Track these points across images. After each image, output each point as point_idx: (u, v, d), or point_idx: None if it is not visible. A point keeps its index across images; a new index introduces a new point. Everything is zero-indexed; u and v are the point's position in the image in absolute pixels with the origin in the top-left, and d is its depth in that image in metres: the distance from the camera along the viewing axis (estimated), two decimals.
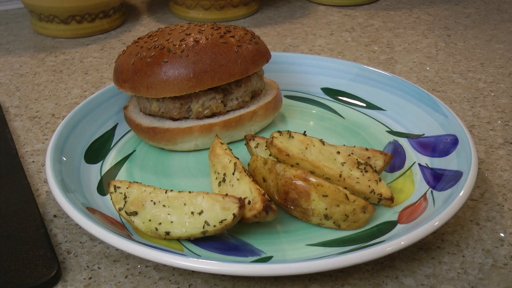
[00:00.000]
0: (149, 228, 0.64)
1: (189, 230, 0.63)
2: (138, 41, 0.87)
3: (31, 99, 1.05)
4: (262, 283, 0.62)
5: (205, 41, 0.82)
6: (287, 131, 0.69)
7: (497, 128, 0.92)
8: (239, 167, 0.68)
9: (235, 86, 0.85)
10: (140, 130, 0.84)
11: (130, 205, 0.66)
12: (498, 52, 1.22)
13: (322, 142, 0.70)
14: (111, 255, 0.67)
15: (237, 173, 0.67)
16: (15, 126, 0.96)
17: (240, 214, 0.61)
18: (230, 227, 0.62)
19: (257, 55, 0.85)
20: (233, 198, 0.62)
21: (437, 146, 0.79)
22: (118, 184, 0.67)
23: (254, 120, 0.86)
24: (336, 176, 0.67)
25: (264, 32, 1.35)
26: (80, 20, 1.31)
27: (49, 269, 0.62)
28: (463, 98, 1.02)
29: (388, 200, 0.69)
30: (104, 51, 1.26)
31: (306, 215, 0.67)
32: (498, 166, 0.82)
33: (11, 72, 1.16)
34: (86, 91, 1.07)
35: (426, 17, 1.45)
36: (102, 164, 0.81)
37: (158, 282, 0.63)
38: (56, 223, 0.72)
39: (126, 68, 0.83)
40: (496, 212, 0.73)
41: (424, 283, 0.62)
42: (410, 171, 0.78)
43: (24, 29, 1.40)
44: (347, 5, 1.53)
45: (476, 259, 0.65)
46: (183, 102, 0.82)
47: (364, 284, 0.62)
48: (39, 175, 0.82)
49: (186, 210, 0.63)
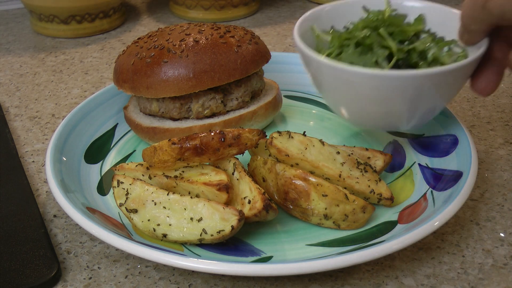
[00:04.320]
0: (147, 227, 0.64)
1: (186, 235, 0.63)
2: (138, 41, 0.87)
3: (31, 99, 1.05)
4: (262, 283, 0.62)
5: (205, 41, 0.82)
6: (287, 132, 0.69)
7: (497, 128, 0.92)
8: (238, 167, 0.68)
9: (235, 86, 0.85)
10: (140, 130, 0.84)
11: (131, 202, 0.66)
12: None
13: (321, 143, 0.70)
14: (111, 255, 0.67)
15: (236, 173, 0.67)
16: (15, 126, 0.96)
17: (238, 227, 0.61)
18: (227, 238, 0.62)
19: (257, 55, 0.85)
20: (233, 209, 0.62)
21: (437, 146, 0.79)
22: (121, 179, 0.68)
23: (254, 120, 0.86)
24: (335, 176, 0.67)
25: (264, 32, 1.35)
26: (80, 20, 1.31)
27: (49, 269, 0.62)
28: (463, 98, 1.02)
29: (388, 200, 0.69)
30: (104, 51, 1.26)
31: (306, 215, 0.67)
32: (498, 166, 0.82)
33: (11, 72, 1.16)
34: (86, 91, 1.07)
35: None
36: (102, 164, 0.81)
37: (158, 282, 0.63)
38: (56, 223, 0.72)
39: (126, 68, 0.83)
40: (496, 212, 0.73)
41: (424, 283, 0.62)
42: (410, 171, 0.78)
43: (24, 29, 1.40)
44: None
45: (476, 259, 0.65)
46: (183, 102, 0.82)
47: (364, 284, 0.62)
48: (39, 175, 0.82)
49: (185, 215, 0.63)
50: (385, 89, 0.67)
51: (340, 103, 0.74)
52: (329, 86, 0.73)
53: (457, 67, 0.65)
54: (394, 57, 0.71)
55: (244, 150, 0.67)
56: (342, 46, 0.74)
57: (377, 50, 0.70)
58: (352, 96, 0.71)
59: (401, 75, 0.65)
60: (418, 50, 0.72)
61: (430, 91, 0.67)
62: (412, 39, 0.75)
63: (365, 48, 0.72)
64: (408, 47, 0.72)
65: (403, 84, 0.66)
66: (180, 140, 0.65)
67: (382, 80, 0.66)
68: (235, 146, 0.66)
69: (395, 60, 0.71)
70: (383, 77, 0.66)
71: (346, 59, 0.71)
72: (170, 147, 0.65)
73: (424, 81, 0.66)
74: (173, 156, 0.65)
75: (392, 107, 0.70)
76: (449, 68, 0.65)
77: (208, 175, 0.66)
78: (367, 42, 0.72)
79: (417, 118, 0.73)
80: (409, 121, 0.73)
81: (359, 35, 0.73)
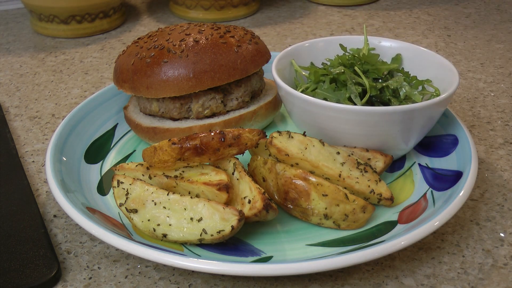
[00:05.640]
0: (147, 227, 0.64)
1: (186, 235, 0.63)
2: (138, 41, 0.87)
3: (31, 99, 1.05)
4: (262, 283, 0.62)
5: (205, 41, 0.82)
6: (287, 131, 0.69)
7: (497, 128, 0.92)
8: (238, 167, 0.68)
9: (235, 86, 0.85)
10: (140, 130, 0.84)
11: (131, 202, 0.66)
12: (498, 52, 1.22)
13: (322, 143, 0.70)
14: (111, 255, 0.67)
15: (236, 173, 0.67)
16: (15, 126, 0.96)
17: (238, 227, 0.61)
18: (227, 238, 0.62)
19: (257, 55, 0.85)
20: (233, 209, 0.62)
21: (437, 146, 0.79)
22: (121, 179, 0.68)
23: (254, 120, 0.86)
24: (335, 176, 0.67)
25: (264, 32, 1.35)
26: (80, 20, 1.31)
27: (49, 269, 0.62)
28: (463, 98, 1.02)
29: (387, 200, 0.69)
30: (104, 51, 1.26)
31: (306, 214, 0.67)
32: (498, 166, 0.82)
33: (11, 72, 1.16)
34: (86, 91, 1.07)
35: (426, 17, 1.45)
36: (102, 164, 0.81)
37: (158, 282, 0.63)
38: (56, 223, 0.72)
39: (126, 68, 0.83)
40: (496, 212, 0.73)
41: (424, 283, 0.62)
42: (410, 171, 0.78)
43: (24, 29, 1.40)
44: (347, 5, 1.53)
45: (476, 259, 0.65)
46: (183, 102, 0.82)
47: (364, 284, 0.62)
48: (39, 175, 0.82)
49: (185, 215, 0.63)
50: (353, 122, 0.71)
51: (313, 130, 0.77)
52: (300, 116, 0.77)
53: (426, 105, 0.70)
54: (367, 94, 0.75)
55: (244, 150, 0.67)
56: (319, 81, 0.79)
57: (351, 86, 0.74)
58: (322, 125, 0.74)
59: (364, 110, 0.70)
60: (391, 87, 0.76)
61: (392, 125, 0.71)
62: (386, 77, 0.81)
63: (339, 84, 0.77)
64: (382, 85, 0.76)
65: (370, 118, 0.70)
66: (180, 140, 0.65)
67: (347, 113, 0.70)
68: (235, 146, 0.66)
69: (367, 96, 0.75)
70: (348, 111, 0.70)
71: (321, 94, 0.76)
72: (170, 147, 0.65)
73: (384, 117, 0.70)
74: (173, 156, 0.65)
75: (363, 138, 0.74)
76: (418, 106, 0.70)
77: (208, 175, 0.66)
78: (342, 78, 0.76)
79: (392, 148, 0.76)
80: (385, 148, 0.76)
81: (334, 71, 0.77)
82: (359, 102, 0.74)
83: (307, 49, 0.88)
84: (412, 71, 0.83)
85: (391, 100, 0.75)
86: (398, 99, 0.76)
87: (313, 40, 0.89)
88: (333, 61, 0.81)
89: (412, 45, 0.86)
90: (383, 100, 0.77)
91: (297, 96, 0.73)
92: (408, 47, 0.86)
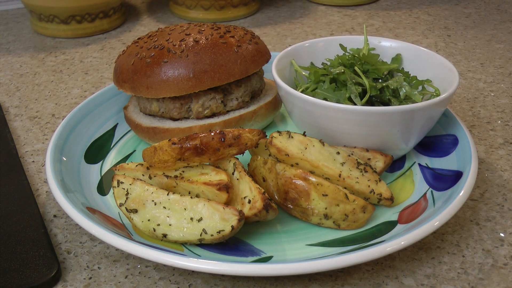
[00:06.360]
0: (147, 227, 0.64)
1: (186, 235, 0.63)
2: (138, 41, 0.87)
3: (31, 99, 1.05)
4: (262, 283, 0.62)
5: (205, 41, 0.82)
6: (287, 131, 0.69)
7: (497, 128, 0.92)
8: (238, 167, 0.68)
9: (235, 86, 0.85)
10: (140, 130, 0.84)
11: (131, 202, 0.66)
12: (498, 52, 1.22)
13: (322, 143, 0.70)
14: (111, 255, 0.67)
15: (236, 173, 0.67)
16: (15, 126, 0.96)
17: (238, 227, 0.61)
18: (227, 238, 0.62)
19: (257, 55, 0.85)
20: (233, 209, 0.62)
21: (437, 146, 0.79)
22: (121, 179, 0.67)
23: (254, 120, 0.86)
24: (335, 176, 0.67)
25: (264, 32, 1.35)
26: (80, 20, 1.31)
27: (49, 269, 0.62)
28: (463, 98, 1.02)
29: (387, 200, 0.69)
30: (104, 51, 1.26)
31: (306, 214, 0.67)
32: (498, 166, 0.82)
33: (11, 72, 1.16)
34: (86, 91, 1.07)
35: (426, 17, 1.45)
36: (102, 164, 0.81)
37: (158, 282, 0.63)
38: (56, 223, 0.72)
39: (126, 68, 0.83)
40: (496, 212, 0.73)
41: (424, 283, 0.62)
42: (410, 171, 0.78)
43: (24, 29, 1.40)
44: (347, 5, 1.53)
45: (476, 259, 0.65)
46: (183, 102, 0.82)
47: (364, 284, 0.62)
48: (39, 175, 0.82)
49: (185, 215, 0.63)
50: (353, 122, 0.71)
51: (313, 130, 0.77)
52: (300, 116, 0.77)
53: (426, 105, 0.70)
54: (367, 94, 0.75)
55: (244, 150, 0.67)
56: (319, 81, 0.79)
57: (351, 86, 0.74)
58: (322, 125, 0.74)
59: (364, 110, 0.70)
60: (391, 88, 0.76)
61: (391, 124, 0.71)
62: (386, 77, 0.81)
63: (339, 84, 0.77)
64: (382, 85, 0.76)
65: (367, 118, 0.70)
66: (180, 140, 0.65)
67: (347, 113, 0.70)
68: (235, 146, 0.66)
69: (367, 96, 0.75)
70: (348, 111, 0.70)
71: (321, 94, 0.75)
72: (170, 147, 0.65)
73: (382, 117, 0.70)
74: (173, 156, 0.65)
75: (362, 138, 0.74)
76: (418, 106, 0.70)
77: (208, 175, 0.66)
78: (341, 78, 0.76)
79: (392, 148, 0.76)
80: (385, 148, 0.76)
81: (334, 71, 0.77)
82: (359, 102, 0.74)
83: (307, 49, 0.88)
84: (412, 71, 0.83)
85: (391, 100, 0.76)
86: (398, 99, 0.76)
87: (313, 40, 0.89)
88: (333, 61, 0.81)
89: (412, 45, 0.86)
90: (383, 100, 0.77)
91: (297, 96, 0.73)
92: (408, 47, 0.86)
